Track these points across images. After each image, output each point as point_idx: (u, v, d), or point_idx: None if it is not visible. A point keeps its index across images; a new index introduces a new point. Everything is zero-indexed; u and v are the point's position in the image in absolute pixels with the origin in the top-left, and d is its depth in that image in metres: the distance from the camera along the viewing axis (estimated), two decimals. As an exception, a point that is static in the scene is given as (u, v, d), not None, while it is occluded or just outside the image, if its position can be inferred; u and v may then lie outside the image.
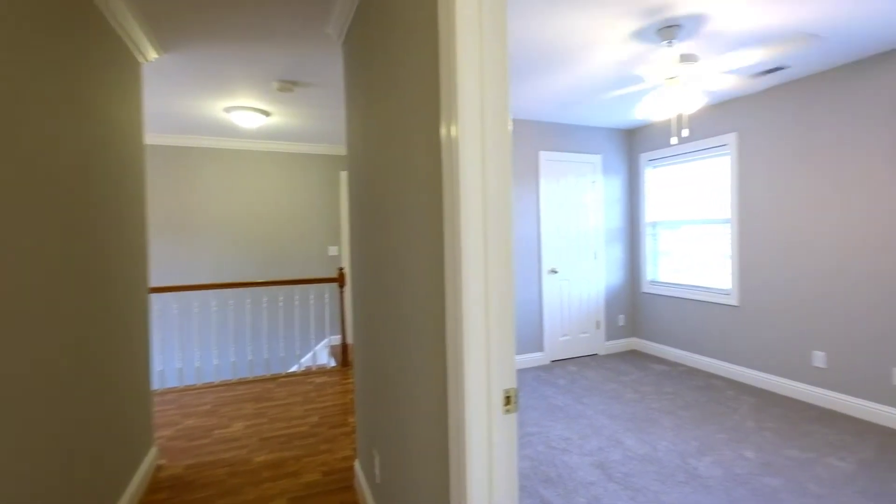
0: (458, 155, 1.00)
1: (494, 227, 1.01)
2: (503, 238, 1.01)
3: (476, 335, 1.00)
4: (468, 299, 0.99)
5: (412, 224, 1.34)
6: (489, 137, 1.02)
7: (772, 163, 3.61)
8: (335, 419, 3.16)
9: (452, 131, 1.01)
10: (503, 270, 1.01)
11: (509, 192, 1.03)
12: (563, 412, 3.30)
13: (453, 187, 1.01)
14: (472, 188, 1.00)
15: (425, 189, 1.22)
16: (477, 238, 0.99)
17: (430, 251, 1.20)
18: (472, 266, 0.99)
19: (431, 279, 1.20)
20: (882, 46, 2.86)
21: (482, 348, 1.00)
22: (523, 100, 3.86)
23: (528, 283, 4.49)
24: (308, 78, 3.18)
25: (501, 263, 1.02)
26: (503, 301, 1.01)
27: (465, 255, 0.98)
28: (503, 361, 1.02)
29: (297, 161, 5.47)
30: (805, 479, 2.37)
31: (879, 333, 2.99)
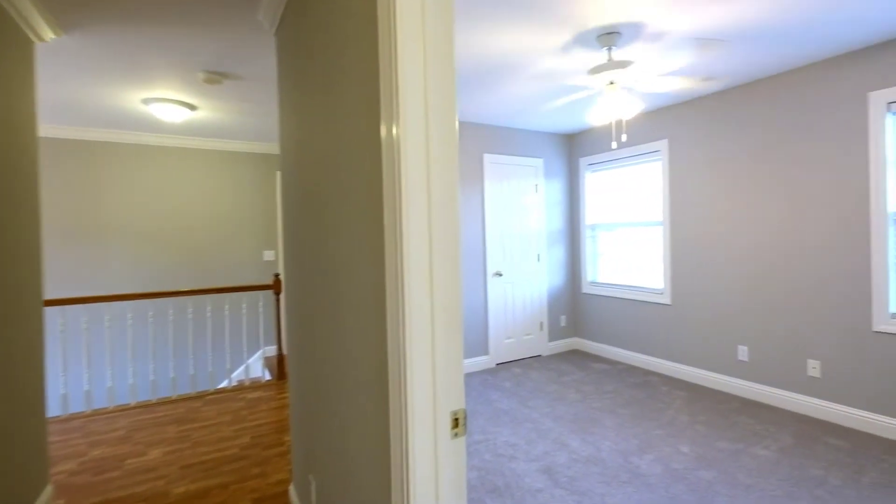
0: (400, 157, 0.89)
1: (441, 234, 0.91)
2: (450, 245, 0.92)
3: (421, 353, 0.89)
4: (412, 312, 0.89)
5: (351, 230, 1.22)
6: (435, 138, 0.92)
7: (698, 168, 3.84)
8: (269, 438, 2.92)
9: (394, 131, 0.91)
10: (450, 281, 0.92)
11: (456, 196, 0.94)
12: (508, 416, 3.28)
13: (395, 192, 0.91)
14: (416, 192, 0.90)
15: (365, 193, 1.10)
16: (421, 245, 0.89)
17: (370, 259, 1.08)
18: (416, 276, 0.89)
19: (372, 289, 1.08)
20: (797, 62, 3.11)
21: (427, 368, 0.90)
22: (469, 106, 3.83)
23: (474, 286, 4.46)
24: (239, 70, 2.93)
25: (448, 273, 0.92)
26: (451, 314, 0.92)
27: (407, 265, 0.88)
28: (451, 380, 0.93)
29: (229, 160, 5.09)
30: (735, 469, 2.49)
31: (795, 328, 3.24)
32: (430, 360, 0.90)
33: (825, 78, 3.03)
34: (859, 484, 2.32)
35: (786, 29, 2.56)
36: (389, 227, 0.93)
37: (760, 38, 2.66)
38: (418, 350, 0.89)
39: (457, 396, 0.93)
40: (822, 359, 3.10)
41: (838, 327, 3.01)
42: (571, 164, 5.14)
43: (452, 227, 0.94)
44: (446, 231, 0.93)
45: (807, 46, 2.81)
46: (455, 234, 0.93)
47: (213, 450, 2.79)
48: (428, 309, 0.90)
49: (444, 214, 0.93)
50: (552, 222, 5.03)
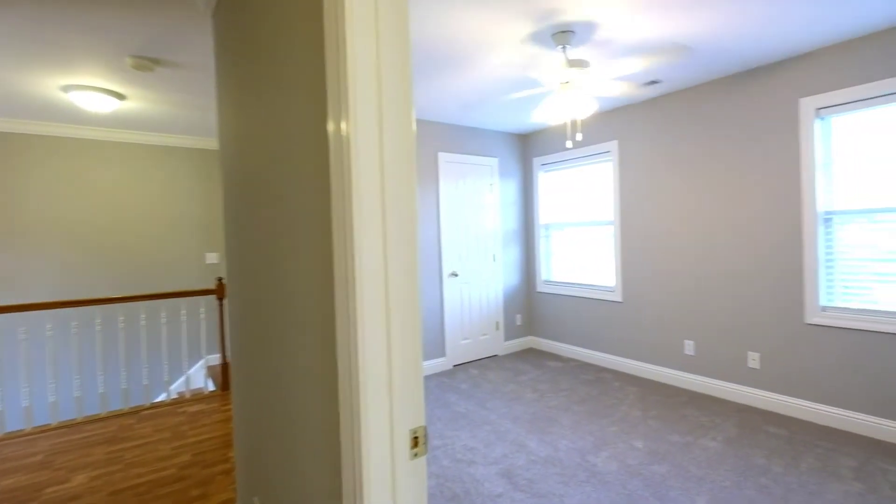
0: (350, 155, 0.80)
1: (397, 237, 0.83)
2: (407, 249, 0.83)
3: (375, 367, 0.80)
4: (364, 323, 0.80)
5: (297, 233, 1.10)
6: (389, 134, 0.83)
7: (646, 169, 3.96)
8: (212, 455, 2.70)
9: (343, 127, 0.81)
10: (407, 287, 0.83)
11: (414, 197, 0.86)
12: (467, 419, 3.23)
13: (344, 193, 0.81)
14: (368, 194, 0.81)
15: (313, 193, 1.00)
16: (374, 249, 0.80)
17: (319, 264, 0.98)
18: (369, 283, 0.80)
19: (320, 296, 0.98)
20: (736, 68, 3.27)
21: (383, 383, 0.81)
22: (423, 99, 3.74)
23: (430, 287, 4.38)
24: (173, 56, 2.69)
25: (405, 278, 0.84)
26: (408, 323, 0.84)
27: (359, 270, 0.79)
28: (410, 395, 0.84)
29: (166, 155, 4.71)
30: (686, 462, 2.56)
31: (736, 322, 3.41)
32: (386, 373, 0.81)
33: (761, 84, 3.20)
34: (798, 470, 2.45)
35: (730, 37, 2.67)
36: (339, 230, 0.84)
37: (706, 45, 2.77)
38: (372, 364, 0.80)
39: (416, 412, 0.85)
40: (761, 351, 3.28)
41: (775, 320, 3.19)
42: (525, 164, 5.19)
43: (409, 229, 0.85)
44: (403, 234, 0.84)
45: (744, 54, 2.95)
46: (412, 237, 0.85)
47: (148, 471, 2.54)
48: (383, 318, 0.81)
49: (400, 217, 0.84)
50: (507, 222, 5.04)
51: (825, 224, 2.97)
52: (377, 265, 0.81)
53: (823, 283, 2.98)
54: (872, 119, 2.77)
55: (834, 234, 2.94)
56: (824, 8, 2.37)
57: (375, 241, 0.80)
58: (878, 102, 2.71)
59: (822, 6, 2.35)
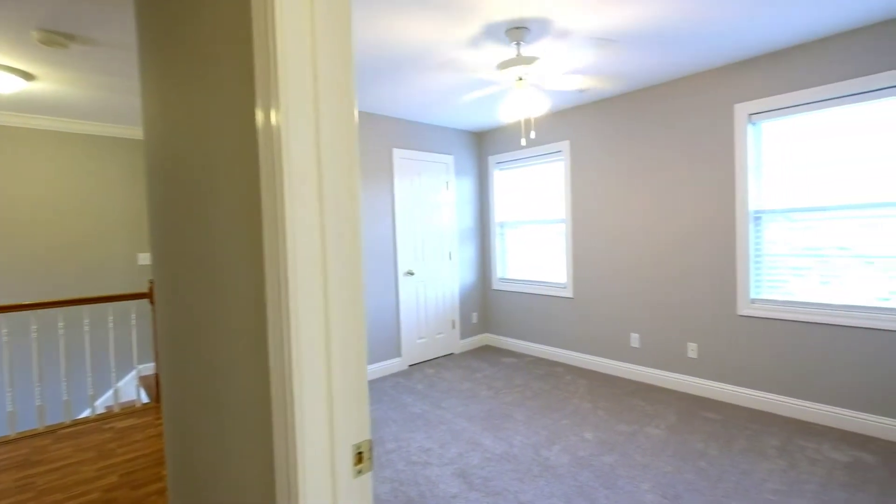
0: (281, 149, 0.72)
1: (335, 237, 0.76)
2: (347, 250, 0.77)
3: (313, 377, 0.73)
4: (299, 329, 0.72)
5: (226, 234, 1.00)
6: (327, 125, 0.76)
7: (596, 169, 4.08)
8: (143, 475, 2.48)
9: (273, 118, 0.73)
10: (349, 292, 0.77)
11: (355, 195, 0.79)
12: (422, 420, 3.18)
13: (276, 192, 0.73)
14: (303, 192, 0.74)
15: (241, 191, 0.90)
16: (310, 250, 0.73)
17: (250, 266, 0.89)
18: (305, 286, 0.72)
19: (252, 300, 0.89)
20: (679, 72, 3.42)
21: (321, 394, 0.74)
22: (375, 97, 3.64)
23: (385, 287, 4.29)
24: (90, 31, 2.42)
25: (347, 280, 0.77)
26: (350, 331, 0.77)
27: (293, 273, 0.71)
28: (352, 406, 0.77)
29: (88, 144, 4.29)
30: (633, 451, 2.65)
31: (677, 315, 3.58)
32: (325, 383, 0.75)
33: (701, 88, 3.37)
34: (731, 452, 2.60)
35: (675, 34, 2.78)
36: (270, 231, 0.76)
37: (654, 41, 2.86)
38: (308, 374, 0.73)
39: (360, 425, 0.78)
40: (698, 342, 3.46)
41: (711, 313, 3.38)
42: (481, 162, 5.20)
43: (350, 229, 0.79)
44: (343, 234, 0.77)
45: (688, 56, 3.09)
46: (354, 237, 0.78)
47: (66, 497, 2.29)
48: (321, 323, 0.74)
49: (340, 216, 0.77)
50: (463, 220, 5.04)
51: (755, 222, 3.17)
52: (313, 268, 0.73)
53: (753, 277, 3.19)
54: (797, 125, 2.99)
55: (762, 231, 3.15)
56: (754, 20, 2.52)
57: (311, 242, 0.73)
58: (803, 109, 2.92)
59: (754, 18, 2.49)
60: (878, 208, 2.70)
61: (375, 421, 3.19)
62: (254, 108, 0.81)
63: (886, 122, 2.66)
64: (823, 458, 2.49)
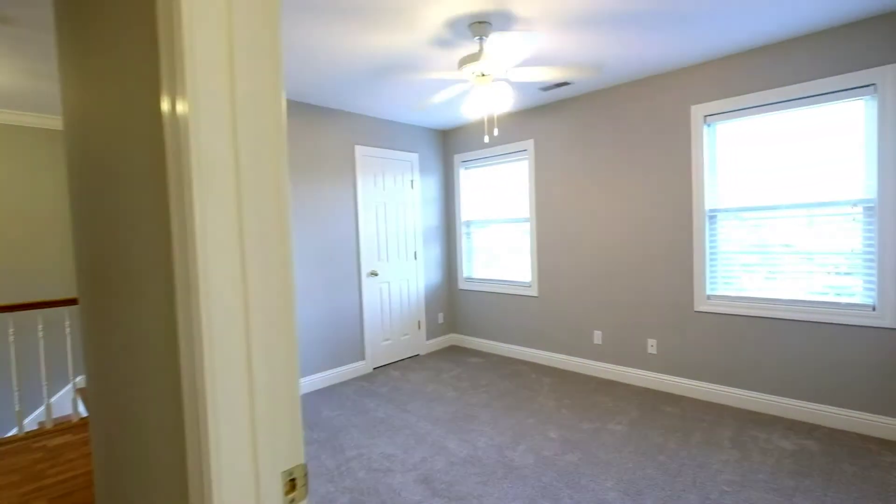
0: (189, 142, 0.64)
1: (258, 239, 0.68)
2: (275, 255, 0.69)
3: (229, 396, 0.66)
4: (212, 339, 0.65)
5: (135, 232, 0.90)
6: (246, 115, 0.68)
7: (560, 168, 4.11)
8: (77, 497, 2.29)
9: (179, 107, 0.65)
10: (277, 299, 0.70)
11: (284, 193, 0.72)
12: (385, 425, 3.10)
13: (183, 190, 0.65)
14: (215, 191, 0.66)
15: (150, 187, 0.81)
16: (225, 257, 0.65)
17: (160, 272, 0.80)
18: (219, 296, 0.65)
19: (163, 310, 0.80)
20: (640, 74, 3.47)
21: (242, 413, 0.67)
22: (336, 92, 3.53)
23: (347, 288, 4.18)
24: (4, 7, 2.20)
25: (274, 289, 0.70)
26: (278, 342, 0.70)
27: (204, 279, 0.63)
28: (282, 429, 0.70)
29: (15, 136, 3.95)
30: (596, 448, 2.68)
31: (637, 311, 3.66)
32: (246, 403, 0.67)
33: (660, 90, 3.44)
34: (689, 445, 2.66)
35: (639, 22, 2.81)
36: (178, 228, 0.67)
37: (617, 31, 2.89)
38: (225, 392, 0.65)
39: (291, 449, 0.71)
40: (658, 337, 3.54)
41: (669, 309, 3.47)
42: (447, 161, 5.15)
43: (277, 228, 0.72)
44: (267, 233, 0.70)
45: (649, 50, 3.14)
46: (283, 238, 0.71)
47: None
48: (240, 336, 0.66)
49: (263, 214, 0.70)
50: (428, 219, 4.98)
51: (710, 221, 3.27)
52: (230, 273, 0.66)
53: (708, 274, 3.28)
54: (747, 127, 3.09)
55: (717, 230, 3.25)
56: (706, 27, 2.58)
57: (226, 245, 0.66)
58: (752, 112, 3.02)
59: (704, 26, 2.55)
60: (817, 207, 2.83)
61: (336, 428, 3.09)
62: (160, 95, 0.73)
63: (826, 126, 2.79)
64: (773, 448, 2.59)
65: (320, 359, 3.94)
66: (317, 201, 3.94)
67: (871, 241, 2.67)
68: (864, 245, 2.70)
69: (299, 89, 3.47)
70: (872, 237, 2.66)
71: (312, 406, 3.49)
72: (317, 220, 3.94)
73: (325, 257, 3.99)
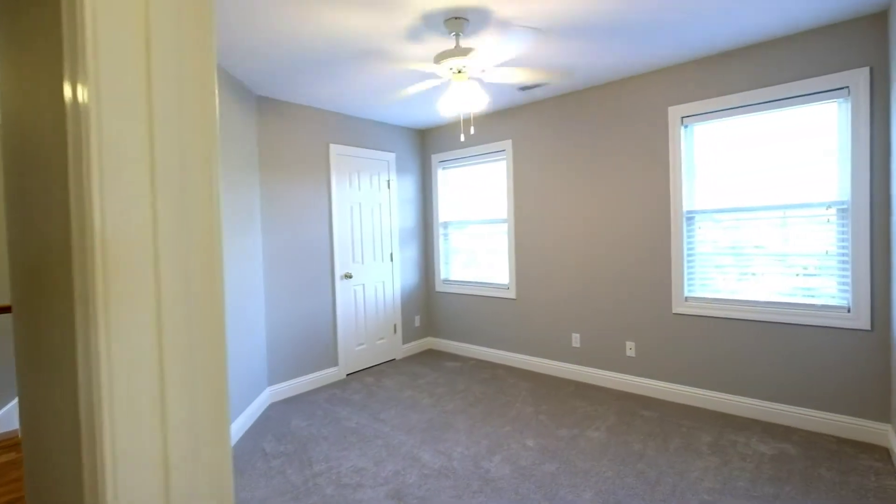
0: (90, 134, 0.51)
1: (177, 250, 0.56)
2: (202, 273, 0.57)
3: (134, 442, 0.53)
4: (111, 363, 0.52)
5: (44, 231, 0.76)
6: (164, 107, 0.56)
7: (538, 169, 4.04)
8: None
9: (81, 94, 0.52)
10: (203, 328, 0.57)
11: (213, 193, 0.60)
12: (357, 435, 2.96)
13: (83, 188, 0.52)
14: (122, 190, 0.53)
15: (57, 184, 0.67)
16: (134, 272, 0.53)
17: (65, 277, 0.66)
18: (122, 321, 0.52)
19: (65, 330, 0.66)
20: (617, 74, 3.43)
21: (153, 460, 0.54)
22: (310, 90, 3.37)
23: (320, 291, 4.01)
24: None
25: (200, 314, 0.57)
26: (204, 376, 0.57)
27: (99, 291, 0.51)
28: (207, 473, 0.58)
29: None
30: (574, 456, 2.60)
31: (616, 314, 3.61)
32: (159, 444, 0.54)
33: (637, 91, 3.41)
34: (668, 451, 2.61)
35: (614, 27, 2.75)
36: (77, 229, 0.54)
37: (595, 33, 2.83)
38: (129, 435, 0.53)
39: (218, 497, 0.59)
40: (636, 340, 3.50)
41: (648, 311, 3.43)
42: (424, 161, 5.04)
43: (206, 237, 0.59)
44: (191, 240, 0.58)
45: (627, 52, 3.09)
46: (212, 251, 0.59)
47: None
48: (151, 370, 0.54)
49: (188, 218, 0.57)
50: (405, 220, 4.85)
51: (688, 223, 3.24)
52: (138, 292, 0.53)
53: (686, 276, 3.26)
54: (721, 129, 3.08)
55: (695, 231, 3.23)
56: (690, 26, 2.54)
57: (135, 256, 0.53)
58: (729, 114, 3.01)
59: (687, 25, 2.51)
60: (791, 209, 2.83)
61: (304, 439, 2.93)
62: (62, 82, 0.59)
63: (801, 128, 2.79)
64: (752, 453, 2.56)
65: (290, 366, 3.77)
66: (287, 201, 3.77)
67: (845, 244, 2.68)
68: (838, 247, 2.71)
69: (266, 83, 3.30)
70: (846, 239, 2.67)
71: (281, 416, 3.32)
72: (288, 220, 3.76)
73: (296, 259, 3.82)
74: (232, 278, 3.00)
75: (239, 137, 3.20)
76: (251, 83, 3.29)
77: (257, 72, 3.08)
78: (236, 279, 3.06)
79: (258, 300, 3.45)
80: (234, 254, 3.03)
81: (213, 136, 0.61)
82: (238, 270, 3.09)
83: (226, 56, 2.78)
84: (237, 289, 3.07)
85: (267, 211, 3.61)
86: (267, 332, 3.61)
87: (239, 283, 3.10)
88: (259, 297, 3.47)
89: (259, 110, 3.58)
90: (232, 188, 3.02)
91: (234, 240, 3.05)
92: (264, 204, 3.60)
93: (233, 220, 3.04)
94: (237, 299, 3.06)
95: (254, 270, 3.38)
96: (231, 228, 3.00)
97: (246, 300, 3.22)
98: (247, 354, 3.21)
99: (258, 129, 3.58)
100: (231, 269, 2.99)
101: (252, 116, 3.48)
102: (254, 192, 3.44)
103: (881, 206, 2.53)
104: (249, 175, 3.37)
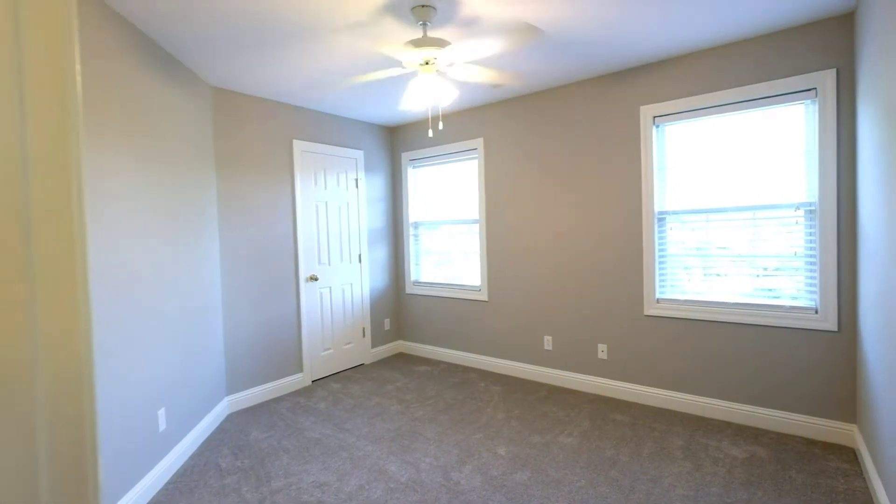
0: None
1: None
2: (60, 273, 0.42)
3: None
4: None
5: None
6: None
7: (510, 168, 3.96)
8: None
9: None
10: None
11: (73, 194, 0.45)
12: (320, 447, 2.79)
13: None
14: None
15: None
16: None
17: None
18: None
19: None
20: (589, 73, 3.37)
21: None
22: (269, 76, 3.17)
23: (283, 294, 3.81)
24: None
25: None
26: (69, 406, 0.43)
27: None
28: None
29: None
30: (546, 465, 2.51)
31: (588, 316, 3.56)
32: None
33: (610, 90, 3.36)
34: (641, 457, 2.56)
35: (585, 30, 2.68)
36: None
37: (565, 37, 2.75)
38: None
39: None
40: (608, 342, 3.46)
41: (620, 313, 3.39)
42: (394, 159, 4.89)
43: (69, 235, 0.44)
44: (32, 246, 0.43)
45: (595, 57, 3.04)
46: (68, 252, 0.44)
47: None
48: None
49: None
50: (374, 220, 4.69)
51: (659, 223, 3.22)
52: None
53: (658, 278, 3.23)
54: (695, 129, 3.06)
55: (666, 233, 3.20)
56: (663, 23, 2.49)
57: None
58: (700, 114, 2.99)
59: (659, 22, 2.46)
60: (761, 210, 2.83)
61: (264, 453, 2.74)
62: None
63: (770, 129, 2.79)
64: (724, 456, 2.53)
65: (250, 373, 3.55)
66: (248, 200, 3.56)
67: (813, 245, 2.69)
68: (806, 248, 2.72)
69: (217, 69, 3.09)
70: (814, 240, 2.68)
71: (239, 428, 3.11)
72: (248, 220, 3.55)
73: (257, 261, 3.61)
74: (182, 281, 2.78)
75: (192, 131, 2.98)
76: (203, 72, 3.07)
77: (195, 49, 2.85)
78: (187, 282, 2.84)
79: (214, 304, 3.23)
80: (183, 254, 2.81)
81: (71, 113, 0.47)
82: (189, 272, 2.87)
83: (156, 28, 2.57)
84: (188, 292, 2.85)
85: (225, 210, 3.39)
86: (225, 338, 3.38)
87: (191, 286, 2.88)
88: (216, 301, 3.25)
89: (216, 103, 3.36)
90: (181, 186, 2.80)
91: (185, 240, 2.83)
92: (221, 203, 3.38)
93: (183, 220, 2.82)
94: (188, 303, 2.84)
95: (209, 272, 3.16)
96: (180, 228, 2.78)
97: (199, 304, 2.99)
98: (201, 363, 2.99)
99: (215, 124, 3.36)
100: (180, 271, 2.77)
101: (207, 110, 3.26)
102: (209, 190, 3.21)
103: (848, 207, 2.55)
104: (204, 172, 3.14)
